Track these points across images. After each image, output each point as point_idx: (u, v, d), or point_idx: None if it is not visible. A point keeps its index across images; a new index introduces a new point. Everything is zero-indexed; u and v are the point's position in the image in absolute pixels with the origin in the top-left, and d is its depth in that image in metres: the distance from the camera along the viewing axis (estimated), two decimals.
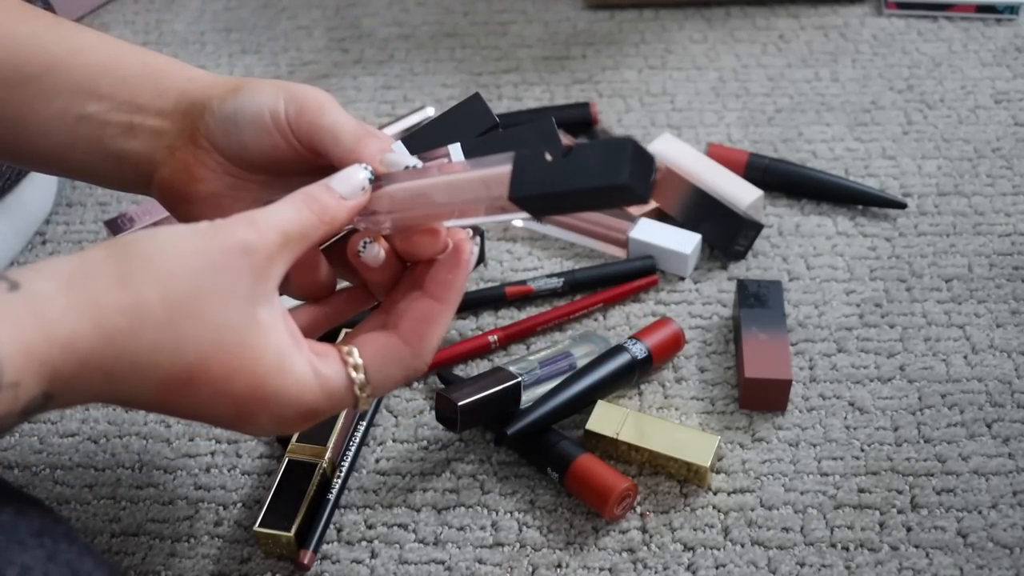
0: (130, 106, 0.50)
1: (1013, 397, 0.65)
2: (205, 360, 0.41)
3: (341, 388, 0.45)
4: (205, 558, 0.59)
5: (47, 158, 0.52)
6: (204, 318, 0.41)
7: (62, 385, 0.39)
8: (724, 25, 0.98)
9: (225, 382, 0.41)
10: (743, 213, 0.74)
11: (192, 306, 0.40)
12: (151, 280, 0.40)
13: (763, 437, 0.63)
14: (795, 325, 0.70)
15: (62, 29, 0.51)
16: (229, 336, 0.41)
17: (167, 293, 0.40)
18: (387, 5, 1.04)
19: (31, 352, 0.38)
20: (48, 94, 0.50)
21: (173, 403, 0.42)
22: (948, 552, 0.57)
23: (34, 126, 0.50)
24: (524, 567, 0.58)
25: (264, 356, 0.42)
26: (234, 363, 0.41)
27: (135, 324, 0.40)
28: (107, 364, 0.40)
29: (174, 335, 0.40)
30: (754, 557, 0.58)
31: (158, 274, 0.40)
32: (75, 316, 0.39)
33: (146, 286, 0.40)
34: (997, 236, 0.75)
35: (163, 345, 0.40)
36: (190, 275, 0.41)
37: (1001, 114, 0.86)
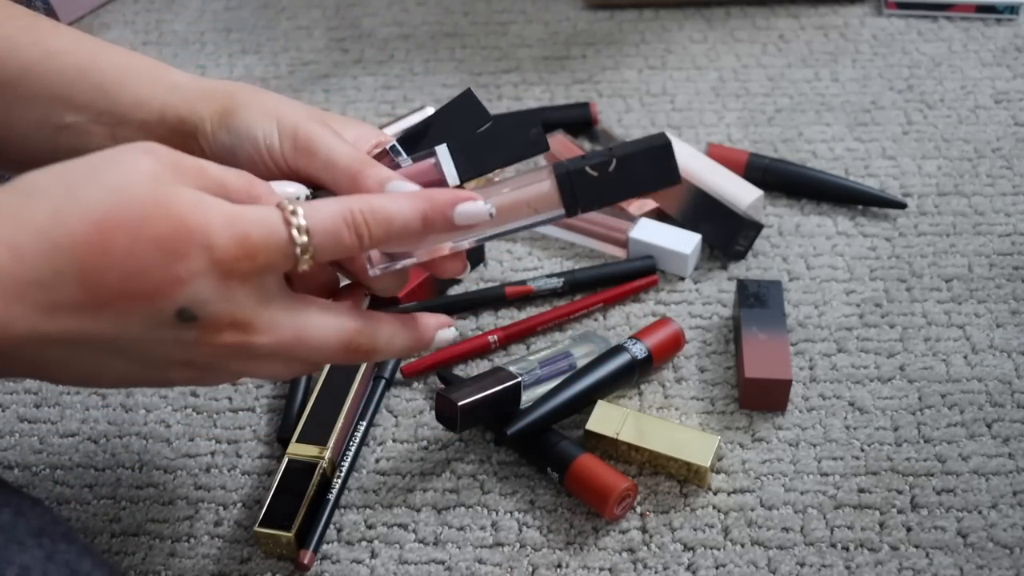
0: (110, 117, 0.49)
1: (1013, 397, 0.65)
2: (113, 211, 0.37)
3: (273, 217, 0.40)
4: (205, 558, 0.59)
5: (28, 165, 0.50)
6: (103, 182, 0.38)
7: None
8: (724, 25, 0.98)
9: (142, 223, 0.38)
10: (743, 213, 0.74)
11: (89, 176, 0.38)
12: (41, 171, 0.38)
13: (763, 437, 0.63)
14: (795, 325, 0.70)
15: (37, 31, 0.50)
16: (135, 189, 0.38)
17: (60, 173, 0.38)
18: (387, 5, 1.04)
19: None
20: (25, 102, 0.49)
21: (95, 263, 0.37)
22: (948, 552, 0.57)
23: (16, 133, 0.49)
24: (524, 567, 0.58)
25: (182, 196, 0.39)
26: (147, 206, 0.38)
27: (27, 195, 0.37)
28: (8, 238, 0.37)
29: (73, 199, 0.37)
30: (754, 557, 0.58)
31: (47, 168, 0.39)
32: None
33: (36, 175, 0.38)
34: (997, 236, 0.75)
35: (63, 207, 0.37)
36: (84, 161, 0.39)
37: (1001, 114, 0.86)
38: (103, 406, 0.68)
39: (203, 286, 0.39)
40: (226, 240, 0.39)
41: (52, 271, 0.37)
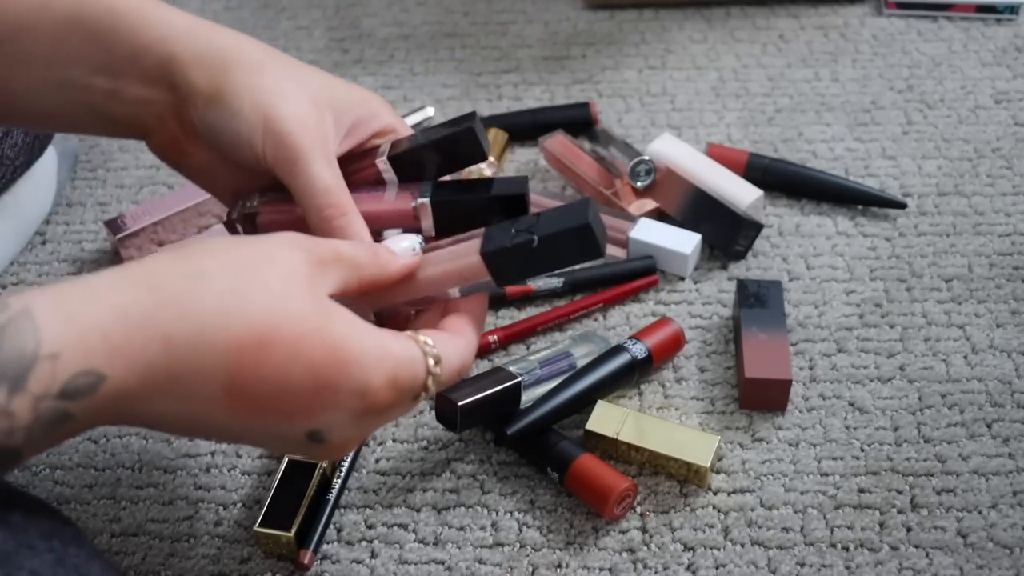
0: (109, 70, 0.48)
1: (1013, 397, 0.65)
2: (275, 322, 0.38)
3: (418, 357, 0.43)
4: (205, 558, 0.59)
5: (39, 120, 0.51)
6: (267, 284, 0.38)
7: (113, 356, 0.36)
8: (724, 25, 0.98)
9: (299, 342, 0.38)
10: (743, 213, 0.74)
11: (254, 274, 0.38)
12: (209, 254, 0.39)
13: (763, 437, 0.63)
14: (795, 325, 0.70)
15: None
16: (296, 302, 0.39)
17: (227, 263, 0.38)
18: (387, 5, 1.04)
19: (74, 317, 0.35)
20: (25, 59, 0.48)
21: (245, 374, 0.38)
22: (948, 552, 0.57)
23: (20, 89, 0.49)
24: (524, 567, 0.58)
25: (337, 320, 0.40)
26: (306, 325, 0.38)
27: (197, 287, 0.37)
28: (167, 326, 0.37)
29: (239, 297, 0.38)
30: (754, 557, 0.58)
31: (216, 250, 0.39)
32: (127, 283, 0.37)
33: (205, 257, 0.38)
34: (997, 236, 0.75)
35: (228, 306, 0.37)
36: (248, 252, 0.39)
37: (1001, 114, 0.86)
38: None
39: (343, 418, 0.40)
40: (380, 383, 0.41)
41: (199, 370, 0.37)
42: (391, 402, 0.42)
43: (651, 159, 0.76)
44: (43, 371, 0.34)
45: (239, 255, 0.39)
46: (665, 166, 0.76)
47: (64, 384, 0.35)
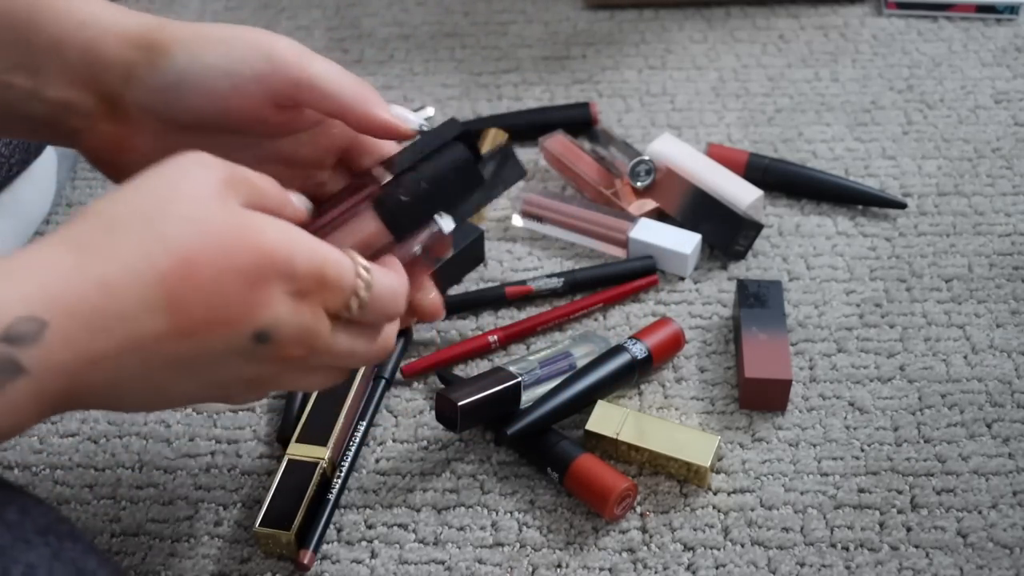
0: (29, 66, 0.46)
1: (1013, 397, 0.65)
2: (195, 244, 0.39)
3: (346, 263, 0.43)
4: (205, 558, 0.59)
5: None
6: (179, 212, 0.39)
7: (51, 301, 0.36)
8: (724, 25, 0.98)
9: (225, 254, 0.39)
10: (743, 213, 0.74)
11: (164, 207, 0.39)
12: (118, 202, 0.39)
13: (763, 437, 0.63)
14: (795, 325, 0.70)
15: None
16: (212, 219, 0.39)
17: (136, 205, 0.39)
18: (387, 5, 1.04)
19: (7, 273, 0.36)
20: None
21: (181, 294, 0.38)
22: (948, 552, 0.57)
23: None
24: (524, 567, 0.58)
25: (260, 224, 0.40)
26: (227, 237, 0.39)
27: (113, 235, 0.38)
28: (95, 272, 0.37)
29: (156, 233, 0.38)
30: (754, 557, 0.58)
31: (122, 197, 0.39)
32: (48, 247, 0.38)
33: (115, 206, 0.39)
34: (997, 236, 0.75)
35: (147, 243, 0.38)
36: (153, 186, 0.40)
37: (1001, 114, 0.86)
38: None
39: (281, 310, 0.41)
40: (307, 269, 0.41)
41: (140, 305, 0.38)
42: (320, 293, 0.42)
43: (651, 159, 0.76)
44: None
45: (145, 193, 0.39)
46: (665, 166, 0.76)
47: (6, 328, 0.35)
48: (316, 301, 0.42)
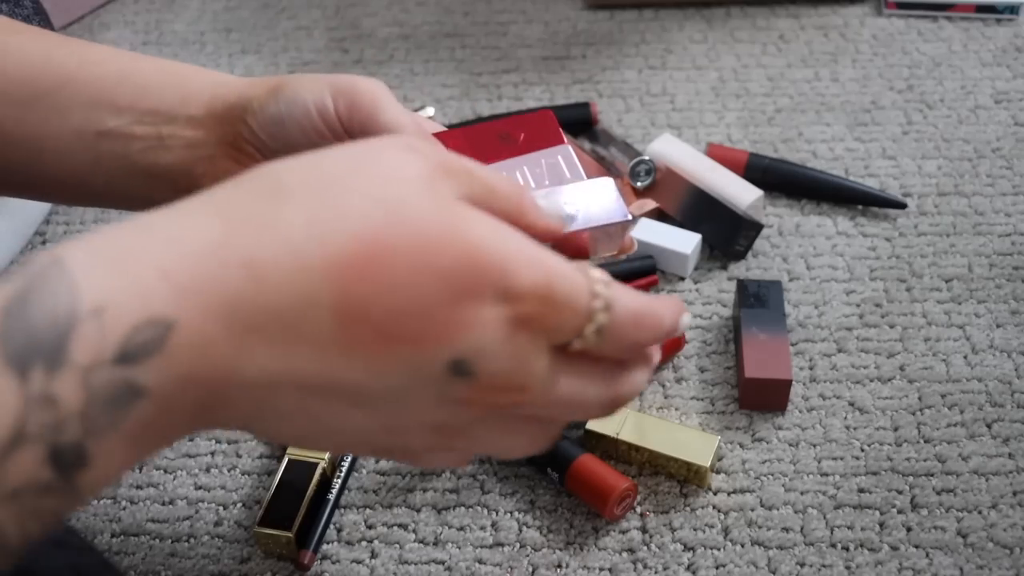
0: (155, 117, 0.46)
1: (1013, 397, 0.65)
2: (387, 229, 0.30)
3: (579, 279, 0.33)
4: (205, 558, 0.59)
5: (66, 182, 0.48)
6: (372, 192, 0.30)
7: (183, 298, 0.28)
8: (724, 25, 0.98)
9: (423, 248, 0.30)
10: (743, 213, 0.74)
11: (349, 180, 0.31)
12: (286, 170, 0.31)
13: (763, 437, 0.63)
14: (795, 325, 0.70)
15: (73, 44, 0.48)
16: (413, 204, 0.30)
17: (311, 171, 0.31)
18: (387, 5, 1.04)
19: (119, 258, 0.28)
20: (63, 110, 0.46)
21: (359, 292, 0.29)
22: (948, 552, 0.57)
23: (50, 147, 0.46)
24: (524, 567, 0.58)
25: (472, 221, 0.31)
26: (430, 228, 0.30)
27: (276, 203, 0.30)
28: (245, 249, 0.29)
29: (334, 207, 0.30)
30: (754, 557, 0.58)
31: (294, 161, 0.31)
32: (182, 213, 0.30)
33: (281, 168, 0.31)
34: (997, 236, 0.75)
35: (321, 217, 0.30)
36: (337, 158, 0.32)
37: (1001, 114, 0.86)
38: None
39: (490, 336, 0.31)
40: (530, 285, 0.32)
41: (300, 298, 0.29)
42: (544, 319, 0.32)
43: (651, 159, 0.76)
44: (87, 333, 0.27)
45: (325, 157, 0.32)
46: (665, 166, 0.76)
47: (120, 344, 0.27)
48: (537, 328, 0.33)
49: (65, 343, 0.27)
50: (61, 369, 0.27)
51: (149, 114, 0.46)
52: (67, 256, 0.28)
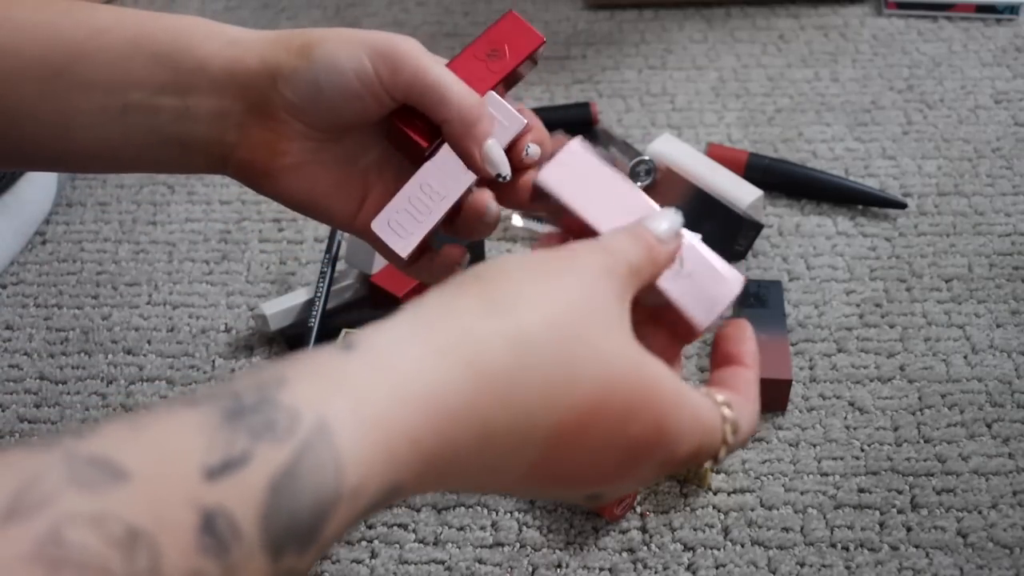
0: (175, 87, 0.45)
1: (1013, 397, 0.65)
2: (603, 397, 0.32)
3: (718, 427, 0.37)
4: None
5: (97, 155, 0.48)
6: (594, 344, 0.32)
7: (420, 464, 0.29)
8: (724, 25, 0.98)
9: (623, 422, 0.33)
10: (743, 213, 0.74)
11: (579, 330, 0.32)
12: (526, 301, 0.32)
13: (763, 437, 0.63)
14: (795, 325, 0.70)
15: (79, 11, 0.46)
16: (624, 365, 0.33)
17: (549, 316, 0.32)
18: (387, 5, 1.04)
19: (380, 423, 0.28)
20: (82, 88, 0.45)
21: (560, 455, 0.32)
22: (948, 552, 0.57)
23: (77, 122, 0.46)
24: (524, 567, 0.58)
25: (663, 387, 0.34)
26: (635, 399, 0.33)
27: (520, 361, 0.31)
28: (487, 415, 0.30)
29: (567, 368, 0.32)
30: (754, 557, 0.58)
31: (531, 293, 0.33)
32: (441, 357, 0.30)
33: (523, 308, 0.32)
34: (997, 236, 0.75)
35: (556, 383, 0.31)
36: (565, 294, 0.33)
37: (1001, 114, 0.86)
38: (103, 406, 0.68)
39: (632, 483, 0.36)
40: (685, 453, 0.35)
41: (512, 455, 0.32)
42: (684, 467, 0.37)
43: (651, 159, 0.76)
44: (342, 514, 0.27)
45: (558, 301, 0.33)
46: (665, 166, 0.76)
47: (360, 515, 0.28)
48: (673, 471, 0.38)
49: (322, 528, 0.27)
50: (309, 550, 0.27)
51: (168, 85, 0.45)
52: (331, 417, 0.28)
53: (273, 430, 0.27)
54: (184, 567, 0.25)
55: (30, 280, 0.77)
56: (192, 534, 0.25)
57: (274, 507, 0.26)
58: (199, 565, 0.25)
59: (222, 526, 0.25)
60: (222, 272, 0.77)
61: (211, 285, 0.76)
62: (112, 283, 0.77)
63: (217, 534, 0.25)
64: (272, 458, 0.26)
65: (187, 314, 0.74)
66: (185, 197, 0.84)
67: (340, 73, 0.44)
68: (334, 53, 0.44)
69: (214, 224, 0.81)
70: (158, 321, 0.73)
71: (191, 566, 0.25)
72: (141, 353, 0.71)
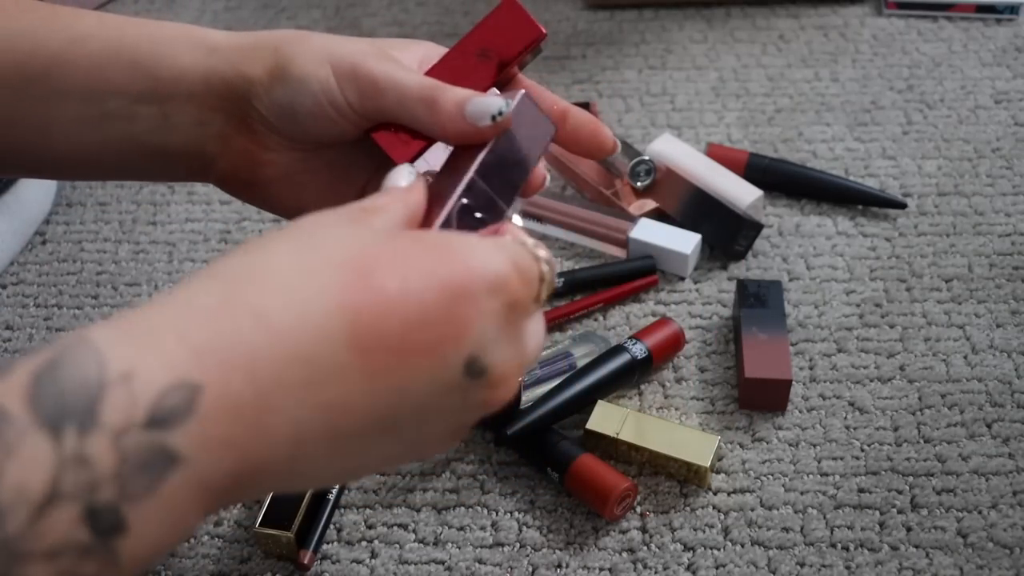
0: (153, 95, 0.45)
1: (1013, 397, 0.65)
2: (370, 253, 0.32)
3: (518, 247, 0.36)
4: (205, 558, 0.59)
5: (77, 163, 0.47)
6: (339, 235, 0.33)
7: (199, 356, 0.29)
8: (724, 25, 0.98)
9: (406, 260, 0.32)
10: (743, 213, 0.74)
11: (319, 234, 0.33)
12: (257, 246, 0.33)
13: (763, 437, 0.63)
14: (795, 325, 0.70)
15: (59, 19, 0.46)
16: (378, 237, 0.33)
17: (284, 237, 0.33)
18: (387, 5, 1.04)
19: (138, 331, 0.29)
20: (60, 95, 0.45)
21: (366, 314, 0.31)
22: (948, 552, 0.57)
23: (56, 130, 0.45)
24: (524, 567, 0.58)
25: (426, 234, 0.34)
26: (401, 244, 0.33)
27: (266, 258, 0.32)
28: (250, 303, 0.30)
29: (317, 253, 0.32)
30: (754, 557, 0.58)
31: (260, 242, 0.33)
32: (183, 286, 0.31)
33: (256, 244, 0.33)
34: (997, 236, 0.75)
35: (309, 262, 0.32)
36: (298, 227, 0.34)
37: (1001, 114, 0.86)
38: None
39: (492, 328, 0.33)
40: (507, 269, 0.34)
41: (313, 338, 0.30)
42: (525, 294, 0.35)
43: (651, 159, 0.76)
44: (117, 398, 0.28)
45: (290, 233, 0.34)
46: (665, 166, 0.76)
47: (150, 408, 0.28)
48: (520, 309, 0.35)
49: (96, 406, 0.27)
50: (93, 431, 0.27)
51: (146, 93, 0.45)
52: (91, 332, 0.29)
53: (36, 351, 0.29)
54: None
55: (30, 280, 0.77)
56: None
57: (38, 391, 0.27)
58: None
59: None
60: None
61: None
62: (112, 283, 0.77)
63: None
64: (33, 361, 0.28)
65: None
66: (185, 197, 0.84)
67: (311, 96, 0.43)
68: (305, 76, 0.43)
69: (214, 224, 0.81)
70: None
71: None
72: None
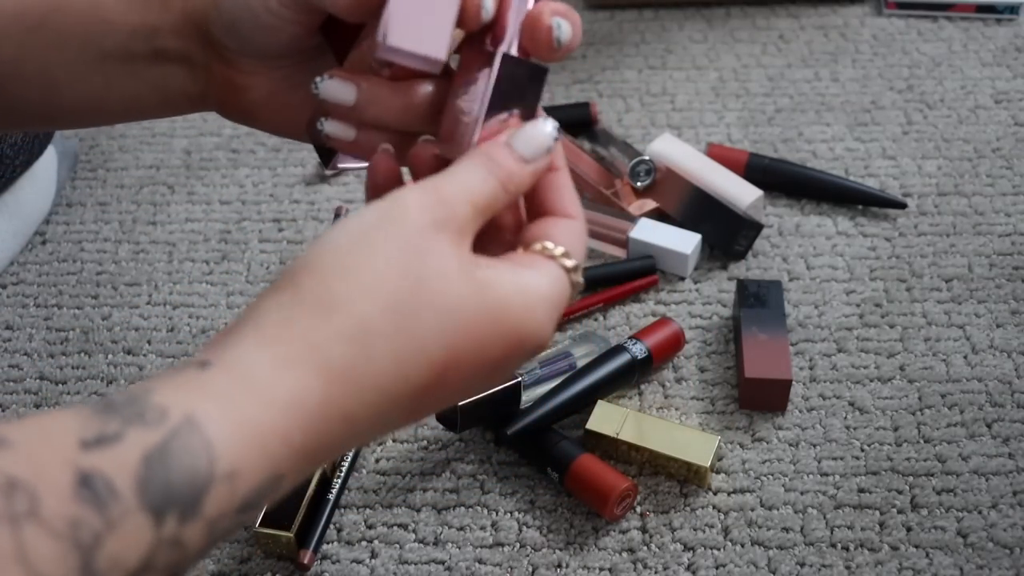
0: (146, 30, 0.45)
1: (1013, 397, 0.65)
2: (454, 347, 0.35)
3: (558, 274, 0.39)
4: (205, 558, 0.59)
5: (84, 109, 0.48)
6: (434, 307, 0.35)
7: (296, 456, 0.32)
8: (724, 25, 0.98)
9: (481, 352, 0.36)
10: (743, 213, 0.74)
11: (416, 300, 0.34)
12: (357, 291, 0.34)
13: (763, 437, 0.63)
14: (795, 325, 0.70)
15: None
16: (467, 308, 0.35)
17: (382, 298, 0.34)
18: None
19: (247, 424, 0.31)
20: (60, 41, 0.45)
21: (430, 403, 0.36)
22: (948, 552, 0.57)
23: (61, 77, 0.46)
24: (524, 567, 0.58)
25: (509, 305, 0.36)
26: (483, 333, 0.36)
27: (365, 346, 0.33)
28: (347, 406, 0.33)
29: (411, 339, 0.34)
30: (754, 557, 0.58)
31: (362, 281, 0.34)
32: (291, 369, 0.33)
33: (356, 300, 0.34)
34: (997, 236, 0.75)
35: (404, 354, 0.34)
36: (398, 271, 0.35)
37: (1001, 114, 0.86)
38: None
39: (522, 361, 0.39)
40: (551, 324, 0.38)
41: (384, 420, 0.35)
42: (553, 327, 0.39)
43: (651, 159, 0.76)
44: (220, 493, 0.30)
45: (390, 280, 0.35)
46: (665, 166, 0.76)
47: (244, 499, 0.31)
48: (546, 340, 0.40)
49: (200, 500, 0.30)
50: (193, 520, 0.30)
51: (140, 29, 0.45)
52: (198, 414, 0.31)
53: (143, 418, 0.30)
54: (63, 513, 0.27)
55: (30, 280, 0.77)
56: (70, 487, 0.28)
57: (149, 475, 0.29)
58: (78, 513, 0.28)
59: (99, 484, 0.28)
60: (222, 272, 0.77)
61: (211, 285, 0.76)
62: (112, 283, 0.77)
63: (94, 489, 0.28)
64: (144, 438, 0.29)
65: (187, 314, 0.74)
66: (185, 197, 0.84)
67: (248, 9, 0.42)
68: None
69: (214, 224, 0.81)
70: (158, 321, 0.73)
71: (70, 513, 0.27)
72: (141, 353, 0.71)
